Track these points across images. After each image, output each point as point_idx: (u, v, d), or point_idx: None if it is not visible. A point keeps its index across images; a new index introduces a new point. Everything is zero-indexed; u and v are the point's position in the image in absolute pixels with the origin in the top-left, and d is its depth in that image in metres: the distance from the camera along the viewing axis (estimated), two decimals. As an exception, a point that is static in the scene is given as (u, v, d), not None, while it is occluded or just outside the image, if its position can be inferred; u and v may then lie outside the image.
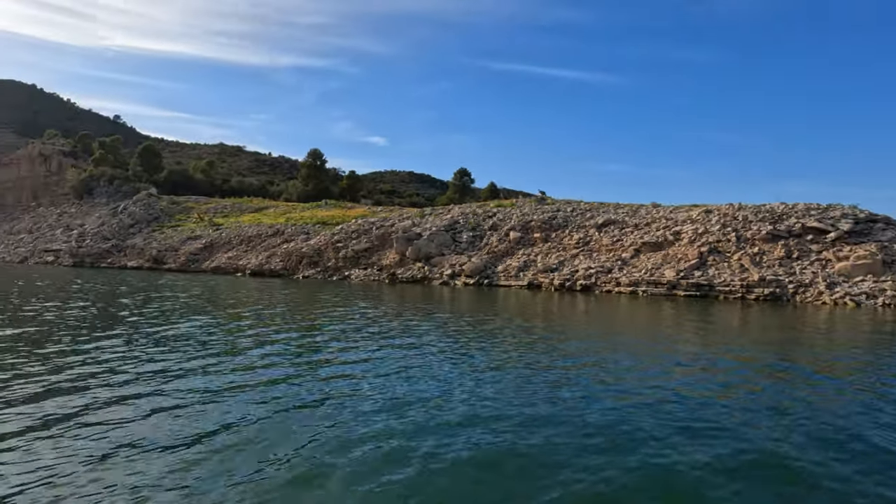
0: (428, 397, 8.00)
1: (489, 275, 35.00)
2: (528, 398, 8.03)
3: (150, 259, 57.44)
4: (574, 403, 7.79)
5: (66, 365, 9.63)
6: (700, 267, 28.26)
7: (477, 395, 8.14)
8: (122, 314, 17.47)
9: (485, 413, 7.24)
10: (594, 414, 7.31)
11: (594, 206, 41.17)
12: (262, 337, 13.55)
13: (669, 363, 11.14)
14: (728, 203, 34.54)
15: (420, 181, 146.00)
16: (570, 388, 8.72)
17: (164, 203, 75.75)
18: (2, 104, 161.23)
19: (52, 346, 11.43)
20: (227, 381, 8.72)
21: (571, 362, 10.90)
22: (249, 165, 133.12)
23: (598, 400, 8.03)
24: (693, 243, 30.04)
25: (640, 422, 6.98)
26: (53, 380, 8.54)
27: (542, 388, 8.70)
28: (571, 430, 6.61)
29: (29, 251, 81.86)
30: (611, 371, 10.11)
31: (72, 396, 7.66)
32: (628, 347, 13.34)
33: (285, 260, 45.31)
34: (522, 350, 12.42)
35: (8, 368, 9.27)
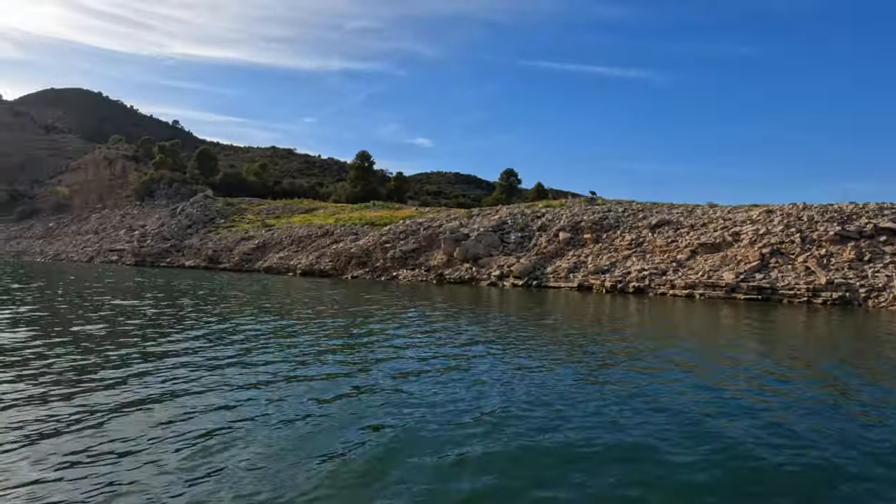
0: (485, 400, 7.84)
1: (538, 276, 34.52)
2: (578, 402, 7.76)
3: (205, 259, 59.50)
4: (608, 407, 7.48)
5: (170, 353, 9.97)
6: (761, 269, 27.02)
7: (537, 400, 7.92)
8: (206, 308, 18.06)
9: (548, 418, 7.03)
10: (620, 432, 6.97)
11: (647, 206, 40.04)
12: (322, 335, 13.70)
13: (726, 370, 10.61)
14: (791, 203, 32.91)
15: (466, 182, 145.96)
16: (622, 393, 8.39)
17: (219, 204, 78.34)
18: (71, 111, 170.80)
19: (137, 339, 11.88)
20: (290, 373, 8.81)
21: (623, 368, 10.53)
22: (300, 167, 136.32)
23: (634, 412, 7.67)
24: (753, 244, 28.75)
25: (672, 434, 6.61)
26: (147, 367, 8.84)
27: (596, 393, 8.40)
28: (604, 434, 6.33)
29: (95, 251, 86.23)
30: (667, 381, 9.69)
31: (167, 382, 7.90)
32: (694, 355, 12.82)
33: (334, 260, 46.02)
34: (577, 353, 12.10)
35: (113, 357, 9.67)
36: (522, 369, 10.06)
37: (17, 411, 6.83)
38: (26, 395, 7.54)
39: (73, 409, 7.00)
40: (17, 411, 6.83)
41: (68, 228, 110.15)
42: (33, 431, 6.16)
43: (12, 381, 8.25)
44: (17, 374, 8.69)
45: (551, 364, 10.64)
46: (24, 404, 7.13)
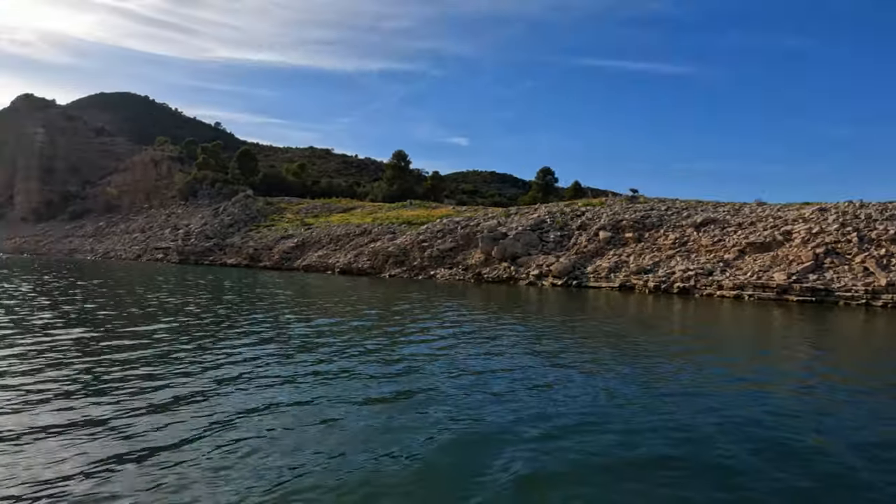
0: (537, 405, 7.60)
1: (578, 275, 33.92)
2: (614, 407, 7.43)
3: (246, 257, 60.73)
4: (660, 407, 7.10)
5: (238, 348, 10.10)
6: (815, 270, 25.83)
7: (598, 409, 7.64)
8: (253, 306, 18.34)
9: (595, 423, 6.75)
10: (662, 436, 6.59)
11: (691, 204, 38.89)
12: (361, 333, 13.67)
13: (776, 377, 10.07)
14: (847, 200, 31.41)
15: (502, 181, 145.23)
16: (662, 394, 8.01)
17: (259, 204, 79.89)
18: (119, 115, 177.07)
19: (195, 334, 12.08)
20: (332, 369, 8.75)
21: (664, 368, 10.10)
22: (337, 167, 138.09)
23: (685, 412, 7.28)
24: (806, 244, 27.53)
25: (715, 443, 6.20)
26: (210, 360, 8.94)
27: (662, 404, 8.04)
28: (653, 440, 5.98)
29: (142, 249, 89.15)
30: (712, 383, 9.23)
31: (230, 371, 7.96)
32: (763, 365, 12.27)
33: (372, 259, 46.27)
34: (632, 358, 11.70)
35: (178, 351, 9.84)
36: (576, 374, 9.76)
37: (85, 403, 6.94)
38: (97, 388, 7.68)
39: (141, 402, 7.07)
40: (85, 403, 6.94)
41: (117, 227, 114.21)
42: (113, 419, 6.30)
43: (77, 374, 8.42)
44: (83, 368, 8.88)
45: (607, 370, 10.30)
46: (97, 395, 7.26)
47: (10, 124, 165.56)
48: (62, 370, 8.73)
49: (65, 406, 6.90)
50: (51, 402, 7.06)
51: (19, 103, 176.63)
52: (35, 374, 8.44)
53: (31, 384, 7.81)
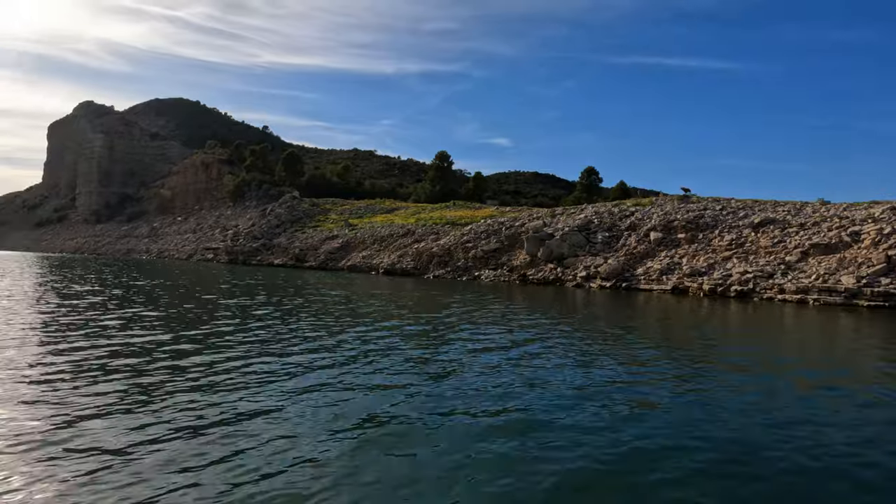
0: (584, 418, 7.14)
1: (627, 277, 32.90)
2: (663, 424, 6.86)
3: (292, 257, 61.79)
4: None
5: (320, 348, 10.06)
6: (888, 273, 24.17)
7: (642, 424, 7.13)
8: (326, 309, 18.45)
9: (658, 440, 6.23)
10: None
11: (747, 203, 37.20)
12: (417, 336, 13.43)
13: (847, 395, 9.24)
14: (922, 198, 29.39)
15: (544, 181, 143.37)
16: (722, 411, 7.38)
17: (305, 205, 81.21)
18: (172, 119, 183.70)
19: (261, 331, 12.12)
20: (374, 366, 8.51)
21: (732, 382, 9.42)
22: (380, 168, 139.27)
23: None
24: (877, 245, 25.82)
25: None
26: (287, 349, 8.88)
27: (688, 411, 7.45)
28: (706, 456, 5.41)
29: (193, 249, 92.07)
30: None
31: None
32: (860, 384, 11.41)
33: (416, 259, 46.24)
34: (699, 370, 11.05)
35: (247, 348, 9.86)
36: (667, 393, 9.23)
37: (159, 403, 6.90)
38: (171, 389, 7.66)
39: (215, 408, 6.99)
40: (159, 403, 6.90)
41: (170, 228, 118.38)
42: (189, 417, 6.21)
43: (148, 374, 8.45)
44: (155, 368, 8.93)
45: (675, 386, 9.73)
46: (172, 393, 7.23)
47: (72, 130, 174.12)
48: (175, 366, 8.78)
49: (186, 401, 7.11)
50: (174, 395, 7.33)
51: (81, 110, 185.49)
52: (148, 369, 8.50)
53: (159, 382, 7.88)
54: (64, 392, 7.40)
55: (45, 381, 7.90)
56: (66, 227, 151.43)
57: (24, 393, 7.33)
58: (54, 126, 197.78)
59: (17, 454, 5.26)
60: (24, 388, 7.58)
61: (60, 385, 7.73)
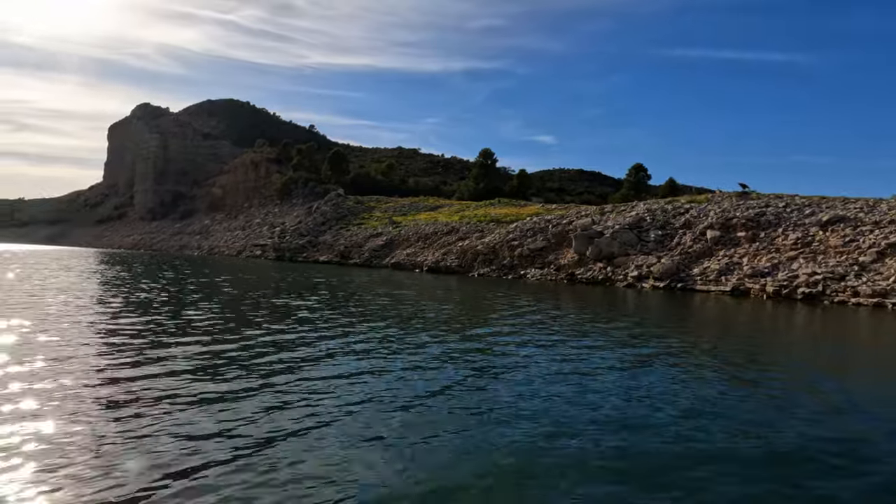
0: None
1: (682, 278, 31.37)
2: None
3: (337, 254, 62.21)
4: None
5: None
6: (980, 276, 22.08)
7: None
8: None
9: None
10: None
11: (814, 200, 34.95)
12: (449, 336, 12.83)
13: None
14: None
15: (590, 179, 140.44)
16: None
17: (350, 203, 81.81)
18: (224, 120, 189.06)
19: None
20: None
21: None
22: (424, 166, 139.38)
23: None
24: (966, 245, 23.66)
25: None
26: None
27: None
28: None
29: (242, 246, 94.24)
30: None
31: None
32: None
33: (460, 257, 45.63)
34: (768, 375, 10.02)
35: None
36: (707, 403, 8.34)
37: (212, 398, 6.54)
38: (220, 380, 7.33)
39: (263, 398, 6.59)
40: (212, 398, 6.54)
41: (220, 226, 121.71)
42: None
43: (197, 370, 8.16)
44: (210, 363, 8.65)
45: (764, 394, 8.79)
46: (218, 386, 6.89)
47: (130, 131, 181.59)
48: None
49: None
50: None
51: (138, 112, 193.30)
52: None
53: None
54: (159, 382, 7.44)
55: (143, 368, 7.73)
56: (125, 224, 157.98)
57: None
58: (113, 128, 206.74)
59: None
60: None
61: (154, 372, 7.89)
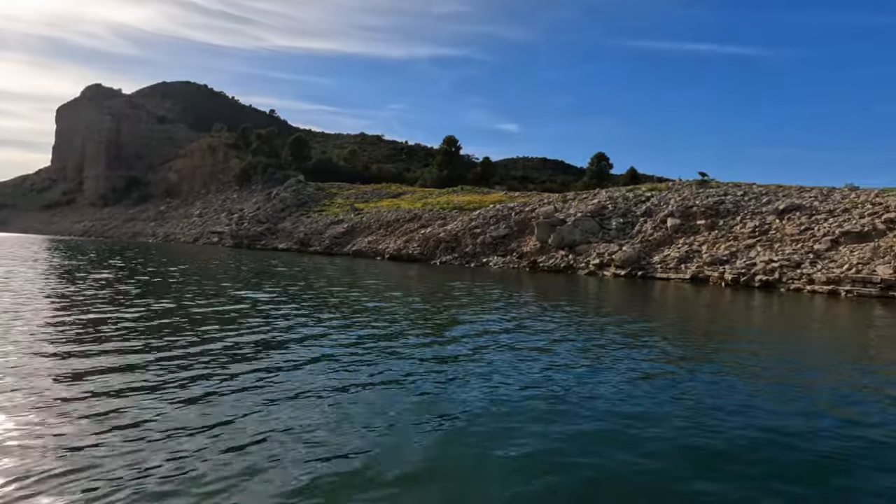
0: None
1: (643, 266, 31.39)
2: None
3: (297, 241, 60.59)
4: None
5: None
6: (928, 263, 22.57)
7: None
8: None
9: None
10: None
11: (771, 189, 35.46)
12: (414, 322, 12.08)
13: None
14: (962, 184, 27.59)
15: (553, 167, 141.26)
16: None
17: (310, 189, 79.92)
18: (180, 103, 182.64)
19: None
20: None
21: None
22: (387, 153, 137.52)
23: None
24: (915, 234, 24.18)
25: None
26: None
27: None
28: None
29: (199, 233, 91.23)
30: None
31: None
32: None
33: (422, 245, 44.87)
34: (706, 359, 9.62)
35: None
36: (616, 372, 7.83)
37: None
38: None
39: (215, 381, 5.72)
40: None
41: (176, 212, 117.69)
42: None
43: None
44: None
45: (692, 378, 8.32)
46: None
47: (80, 113, 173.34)
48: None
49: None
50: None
51: (89, 93, 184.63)
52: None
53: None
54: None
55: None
56: (74, 210, 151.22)
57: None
58: (62, 109, 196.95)
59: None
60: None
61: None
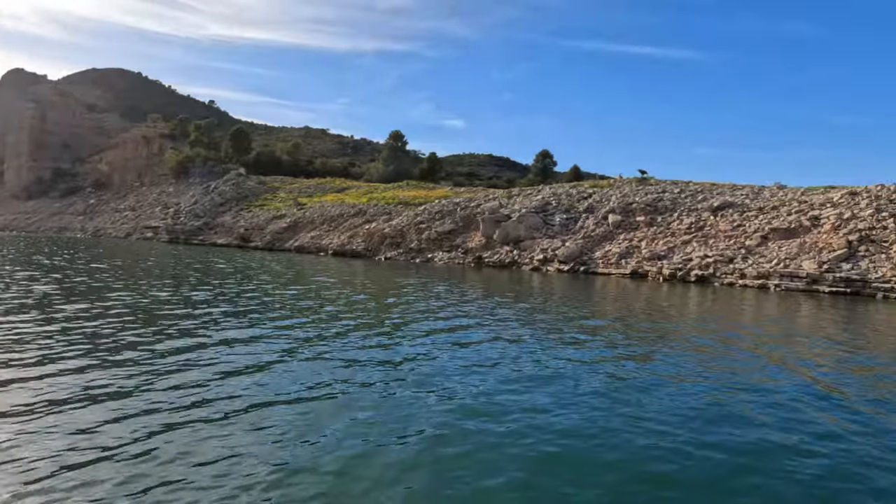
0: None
1: (585, 261, 31.80)
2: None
3: (237, 237, 58.42)
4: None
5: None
6: (849, 259, 23.73)
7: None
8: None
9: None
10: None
11: (706, 186, 36.69)
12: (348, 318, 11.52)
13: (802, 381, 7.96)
14: (879, 184, 29.24)
15: (499, 164, 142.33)
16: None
17: (252, 183, 77.41)
18: (111, 91, 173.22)
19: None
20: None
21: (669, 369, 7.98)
22: (333, 148, 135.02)
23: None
24: (837, 230, 25.40)
25: None
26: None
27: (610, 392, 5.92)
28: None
29: (132, 227, 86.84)
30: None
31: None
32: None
33: (367, 240, 44.05)
34: (628, 347, 9.57)
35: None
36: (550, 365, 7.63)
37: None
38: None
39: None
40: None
41: (107, 206, 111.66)
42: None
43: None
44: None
45: (611, 366, 8.19)
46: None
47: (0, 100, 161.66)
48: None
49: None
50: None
51: (9, 78, 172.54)
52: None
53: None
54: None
55: None
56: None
57: None
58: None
59: None
60: None
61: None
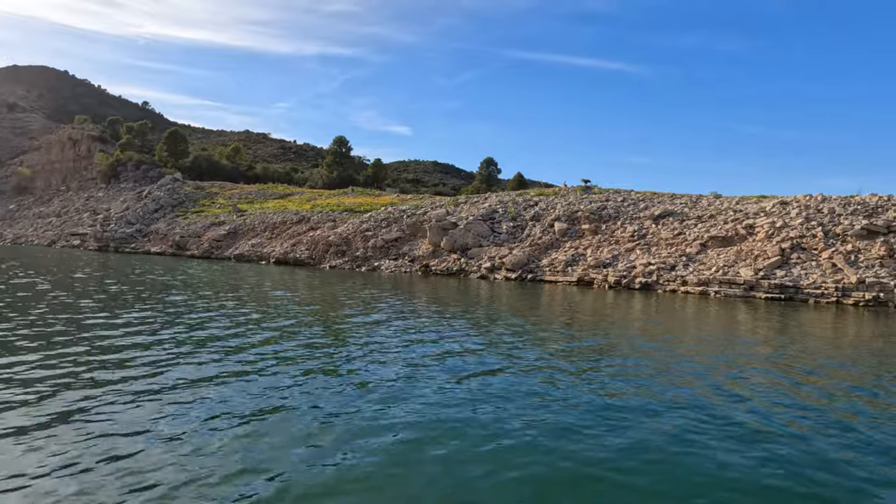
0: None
1: (532, 269, 31.85)
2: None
3: (172, 244, 55.65)
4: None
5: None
6: (783, 265, 24.68)
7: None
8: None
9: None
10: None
11: (647, 195, 37.61)
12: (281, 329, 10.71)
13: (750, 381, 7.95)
14: (807, 194, 30.70)
15: (444, 171, 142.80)
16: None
17: (188, 188, 74.18)
18: (35, 90, 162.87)
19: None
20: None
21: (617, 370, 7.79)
22: (275, 153, 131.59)
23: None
24: (771, 238, 26.42)
25: None
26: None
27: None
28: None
29: (56, 235, 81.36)
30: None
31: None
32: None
33: (311, 248, 42.76)
34: (570, 355, 9.32)
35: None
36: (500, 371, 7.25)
37: None
38: None
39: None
40: None
41: (29, 211, 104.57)
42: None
43: None
44: None
45: (557, 377, 7.86)
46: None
47: None
48: None
49: None
50: None
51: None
52: None
53: None
54: None
55: None
56: None
57: None
58: None
59: None
60: None
61: None
